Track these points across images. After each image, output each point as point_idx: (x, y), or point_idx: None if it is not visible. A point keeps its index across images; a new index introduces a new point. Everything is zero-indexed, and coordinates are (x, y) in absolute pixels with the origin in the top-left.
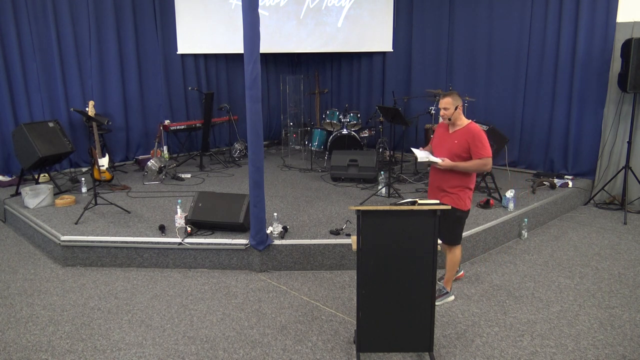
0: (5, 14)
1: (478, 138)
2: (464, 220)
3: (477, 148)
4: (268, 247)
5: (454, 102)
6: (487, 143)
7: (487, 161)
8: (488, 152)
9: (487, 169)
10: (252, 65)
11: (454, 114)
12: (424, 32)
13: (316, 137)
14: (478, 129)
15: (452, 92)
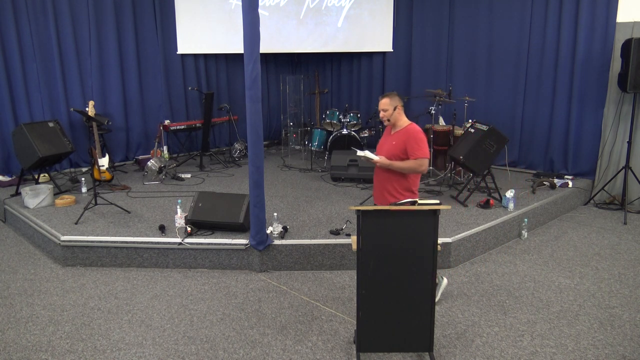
0: (5, 14)
1: (414, 138)
2: None
3: (412, 148)
4: (268, 247)
5: (392, 103)
6: (423, 144)
7: (423, 162)
8: (424, 152)
9: (422, 170)
10: (252, 65)
11: (393, 115)
12: (424, 32)
13: (316, 137)
14: (416, 129)
15: (390, 93)
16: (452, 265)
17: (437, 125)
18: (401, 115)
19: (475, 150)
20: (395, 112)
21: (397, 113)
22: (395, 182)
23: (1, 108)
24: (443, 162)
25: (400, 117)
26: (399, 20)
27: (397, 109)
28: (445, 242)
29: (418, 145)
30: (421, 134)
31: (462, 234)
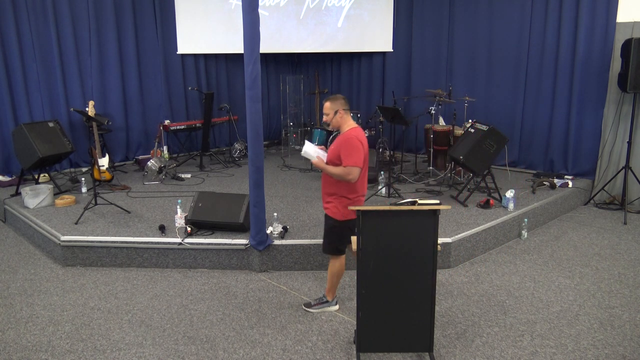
0: (5, 14)
1: (346, 145)
2: (338, 231)
3: (343, 155)
4: (268, 247)
5: (333, 107)
6: (355, 152)
7: (350, 170)
8: (353, 161)
9: (350, 179)
10: (252, 65)
11: (334, 119)
12: (424, 32)
13: (316, 137)
14: (350, 136)
15: (334, 96)
16: (452, 265)
17: (437, 125)
18: (344, 120)
19: (475, 150)
20: (337, 116)
21: (339, 117)
22: (333, 186)
23: (1, 108)
24: (443, 162)
25: (343, 121)
26: (399, 20)
27: (338, 113)
28: (445, 242)
29: (349, 152)
30: (355, 140)
31: (462, 234)
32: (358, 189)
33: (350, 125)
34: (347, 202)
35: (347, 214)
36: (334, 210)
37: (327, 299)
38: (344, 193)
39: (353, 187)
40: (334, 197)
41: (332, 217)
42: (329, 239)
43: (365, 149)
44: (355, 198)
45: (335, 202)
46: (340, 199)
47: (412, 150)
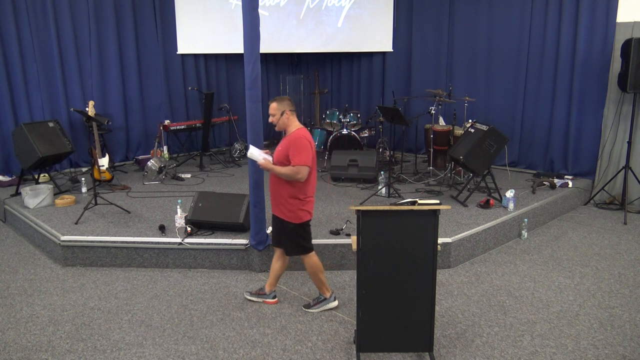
0: (5, 14)
1: (295, 145)
2: (299, 232)
3: (292, 155)
4: (268, 247)
5: (279, 108)
6: (304, 151)
7: (299, 170)
8: (302, 160)
9: (299, 178)
10: (252, 65)
11: (281, 120)
12: (424, 32)
13: (316, 137)
14: (299, 135)
15: (280, 97)
16: (452, 265)
17: (437, 125)
18: (290, 121)
19: (475, 150)
20: (283, 117)
21: (285, 118)
22: (282, 188)
23: (1, 108)
24: (443, 162)
25: (289, 122)
26: (399, 20)
27: (284, 114)
28: (445, 242)
29: (298, 151)
30: (303, 140)
31: (462, 234)
32: (308, 190)
33: (296, 126)
34: (299, 204)
35: (302, 215)
36: (289, 215)
37: (325, 296)
38: (294, 195)
39: (303, 189)
40: (287, 199)
41: (289, 221)
42: (293, 242)
43: (314, 150)
44: (305, 199)
45: (290, 206)
46: (293, 200)
47: (412, 150)
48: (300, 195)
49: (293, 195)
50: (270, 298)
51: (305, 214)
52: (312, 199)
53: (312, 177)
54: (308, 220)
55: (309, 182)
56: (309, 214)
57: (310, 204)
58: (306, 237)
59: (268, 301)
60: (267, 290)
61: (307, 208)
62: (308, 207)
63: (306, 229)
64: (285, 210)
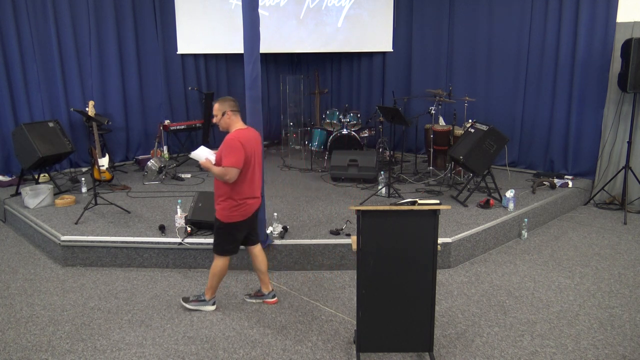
0: (5, 13)
1: (226, 146)
2: (224, 232)
3: (223, 156)
4: (268, 247)
5: (221, 109)
6: (235, 152)
7: (227, 171)
8: (230, 161)
9: (227, 179)
10: (252, 65)
11: (222, 121)
12: (424, 32)
13: (316, 137)
14: (232, 137)
15: (223, 98)
16: (452, 265)
17: (437, 125)
18: (232, 121)
19: (475, 150)
20: (224, 117)
21: (227, 118)
22: (220, 188)
23: (1, 108)
24: (443, 162)
25: (231, 122)
26: (399, 20)
27: (225, 115)
28: (445, 242)
29: (228, 153)
30: (235, 142)
31: (462, 234)
32: (244, 191)
33: (238, 127)
34: (233, 204)
35: (233, 216)
36: (220, 212)
37: (205, 297)
38: (230, 195)
39: (238, 190)
40: (222, 199)
41: (218, 218)
42: (217, 240)
43: (251, 152)
44: (241, 200)
45: (223, 204)
46: (227, 201)
47: (412, 150)
48: (234, 195)
49: (227, 195)
50: (270, 298)
51: (236, 215)
52: (249, 202)
53: (249, 179)
54: (238, 223)
55: (244, 183)
56: (240, 216)
57: (246, 207)
58: (229, 240)
59: (268, 301)
60: (264, 290)
61: (240, 211)
62: (241, 209)
63: (233, 231)
64: (219, 208)
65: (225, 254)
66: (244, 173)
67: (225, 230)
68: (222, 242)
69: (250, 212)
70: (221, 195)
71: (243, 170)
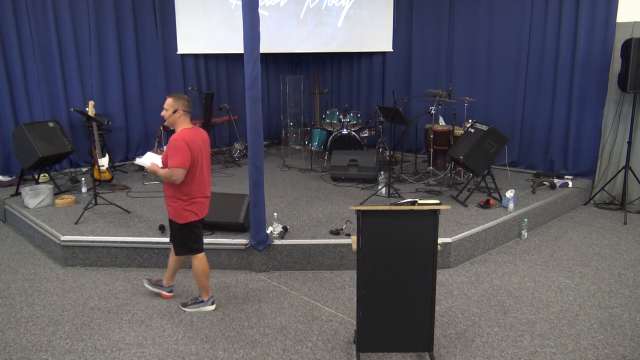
0: (5, 14)
1: (171, 146)
2: (185, 232)
3: (169, 157)
4: (268, 247)
5: (174, 106)
6: (180, 153)
7: (173, 172)
8: (175, 162)
9: (174, 180)
10: (252, 65)
11: (171, 117)
12: (424, 32)
13: (316, 137)
14: (177, 137)
15: (178, 95)
16: (452, 265)
17: (437, 125)
18: (180, 121)
19: (475, 150)
20: (175, 114)
21: (177, 116)
22: (169, 189)
23: (1, 108)
24: (443, 162)
25: (178, 121)
26: (399, 20)
27: (177, 112)
28: (445, 242)
29: (173, 154)
30: (179, 142)
31: (462, 234)
32: (193, 191)
33: (184, 127)
34: (183, 204)
35: (185, 216)
36: (174, 214)
37: (202, 298)
38: (179, 195)
39: (186, 190)
40: (172, 200)
41: (174, 220)
42: (179, 242)
43: (197, 152)
44: (190, 200)
45: (174, 205)
46: (178, 202)
47: (412, 150)
48: (183, 196)
49: (176, 195)
50: (166, 291)
51: (190, 214)
52: (199, 200)
53: (198, 179)
54: (194, 221)
55: (193, 183)
56: (194, 214)
57: (197, 205)
58: (193, 238)
59: (163, 294)
60: (165, 283)
61: (192, 209)
62: (194, 207)
63: (193, 229)
64: (171, 210)
65: (195, 252)
66: (192, 173)
67: (185, 230)
68: (187, 241)
69: (204, 210)
70: (170, 196)
71: (190, 170)
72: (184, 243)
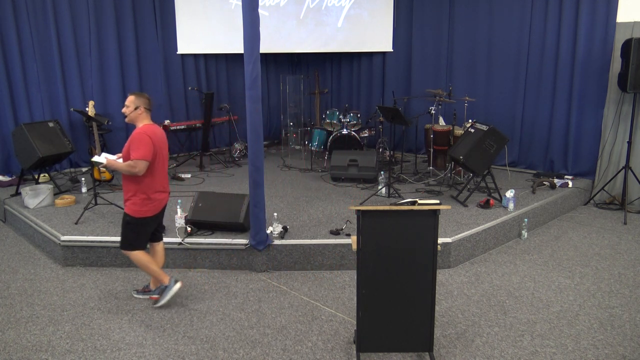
0: (5, 14)
1: (134, 139)
2: (134, 227)
3: (131, 149)
4: (268, 247)
5: (136, 103)
6: (142, 146)
7: (136, 164)
8: (138, 154)
9: (136, 171)
10: (252, 65)
11: (132, 114)
12: (424, 32)
13: (316, 137)
14: (140, 131)
15: (140, 93)
16: (452, 265)
17: (437, 125)
18: (141, 118)
19: (475, 150)
20: (136, 112)
21: (138, 113)
22: (129, 184)
23: (1, 108)
24: (443, 162)
25: (139, 118)
26: (399, 20)
27: (138, 109)
28: (445, 242)
29: (137, 146)
30: (143, 135)
31: (462, 234)
32: (155, 185)
33: (144, 123)
34: (144, 198)
35: (144, 211)
36: (131, 207)
37: (165, 284)
38: (141, 189)
39: (149, 184)
40: (131, 194)
41: (128, 213)
42: (126, 234)
43: (158, 146)
44: (152, 194)
45: (134, 199)
46: (138, 195)
47: (412, 150)
48: (146, 189)
49: (138, 189)
50: (156, 294)
51: (147, 210)
52: (159, 195)
53: (158, 172)
54: (148, 218)
55: (155, 176)
56: (151, 210)
57: (156, 202)
58: (139, 235)
59: (154, 297)
60: (153, 287)
61: (150, 204)
62: (152, 203)
63: (143, 226)
64: (130, 204)
65: (133, 249)
66: (155, 167)
67: (135, 224)
68: (131, 237)
69: (160, 207)
70: (130, 190)
71: (153, 164)
72: (128, 237)
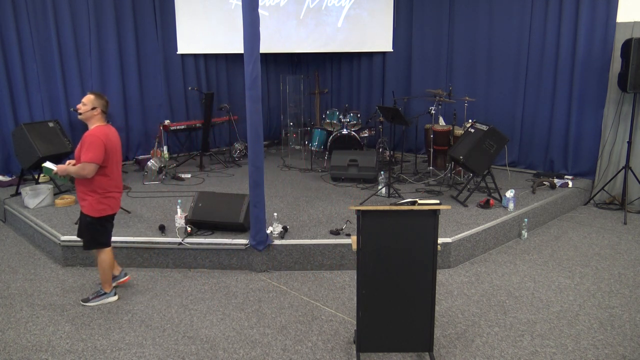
0: (5, 14)
1: (85, 142)
2: (97, 227)
3: (83, 152)
4: (268, 247)
5: (94, 103)
6: (95, 148)
7: (85, 166)
8: (89, 157)
9: (85, 174)
10: (252, 65)
11: (87, 113)
12: (424, 32)
13: (316, 137)
14: (91, 133)
15: (99, 94)
16: (452, 265)
17: (437, 125)
18: (95, 119)
19: (475, 150)
20: (92, 112)
21: (93, 114)
22: (83, 185)
23: (1, 108)
24: (443, 162)
25: (94, 119)
26: (399, 20)
27: (95, 110)
28: (445, 242)
29: (86, 149)
30: (93, 137)
31: (462, 234)
32: (109, 186)
33: (97, 125)
34: (99, 198)
35: (102, 210)
36: (89, 208)
37: (105, 291)
38: (95, 189)
39: (102, 184)
40: (87, 194)
41: (87, 214)
42: (89, 236)
43: (111, 148)
44: (105, 194)
45: (89, 199)
46: (92, 195)
47: (412, 150)
48: (98, 189)
49: (91, 189)
50: (122, 277)
51: (104, 208)
52: (114, 194)
53: (111, 173)
54: (108, 216)
55: (110, 177)
56: (110, 208)
57: (112, 200)
58: (103, 232)
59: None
60: (116, 272)
61: (107, 202)
62: (109, 202)
63: (104, 224)
64: (86, 204)
65: (101, 246)
66: (109, 169)
67: (97, 224)
68: (96, 236)
69: (118, 205)
70: (84, 190)
71: (108, 166)
72: (93, 237)
